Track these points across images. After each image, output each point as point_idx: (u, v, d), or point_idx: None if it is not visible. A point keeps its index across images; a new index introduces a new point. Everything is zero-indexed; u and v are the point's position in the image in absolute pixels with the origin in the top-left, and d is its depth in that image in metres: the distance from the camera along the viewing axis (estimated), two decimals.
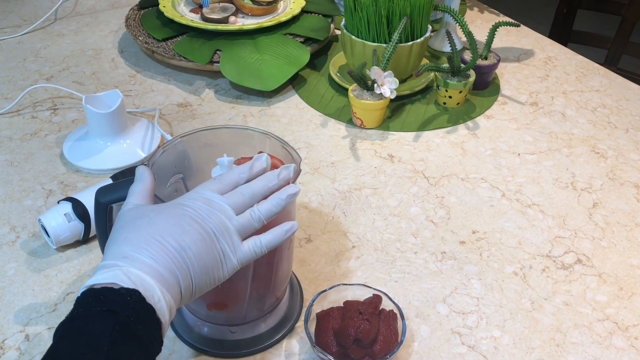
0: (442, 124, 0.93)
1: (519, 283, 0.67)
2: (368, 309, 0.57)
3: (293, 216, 0.56)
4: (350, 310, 0.57)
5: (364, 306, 0.57)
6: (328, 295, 0.60)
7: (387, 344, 0.56)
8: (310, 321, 0.58)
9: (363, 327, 0.55)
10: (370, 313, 0.56)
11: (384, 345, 0.56)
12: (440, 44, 1.14)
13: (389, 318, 0.57)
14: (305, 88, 1.01)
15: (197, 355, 0.59)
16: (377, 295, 0.59)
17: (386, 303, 0.59)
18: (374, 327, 0.56)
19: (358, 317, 0.56)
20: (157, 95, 0.99)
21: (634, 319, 0.63)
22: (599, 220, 0.76)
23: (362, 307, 0.57)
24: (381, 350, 0.55)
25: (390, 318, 0.58)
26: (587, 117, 0.96)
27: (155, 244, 0.44)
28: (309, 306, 0.59)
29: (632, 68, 1.50)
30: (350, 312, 0.57)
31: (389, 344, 0.56)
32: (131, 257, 0.43)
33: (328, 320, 0.57)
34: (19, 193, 0.78)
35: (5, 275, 0.66)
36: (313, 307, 0.59)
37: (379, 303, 0.59)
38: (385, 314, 0.58)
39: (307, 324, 0.57)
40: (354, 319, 0.56)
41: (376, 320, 0.57)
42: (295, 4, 1.15)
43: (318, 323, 0.58)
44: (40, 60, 1.09)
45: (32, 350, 0.58)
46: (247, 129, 0.57)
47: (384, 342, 0.56)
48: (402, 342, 0.56)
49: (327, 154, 0.86)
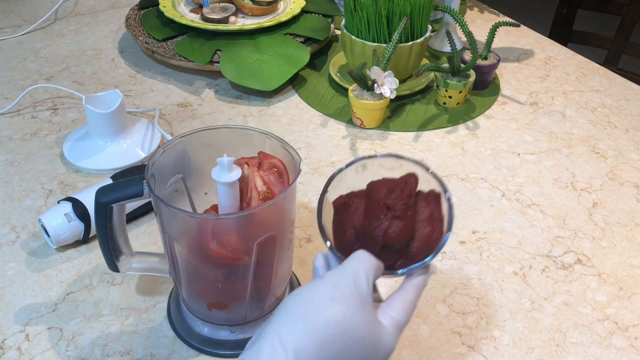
0: (442, 124, 0.93)
1: (519, 283, 0.67)
2: (399, 199, 0.43)
3: (293, 217, 0.56)
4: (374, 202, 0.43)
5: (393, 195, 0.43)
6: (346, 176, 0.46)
7: (429, 240, 0.43)
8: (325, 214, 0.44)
9: (393, 228, 0.42)
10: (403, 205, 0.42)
11: (424, 242, 0.43)
12: (440, 44, 1.14)
13: (429, 201, 0.44)
14: (305, 88, 1.01)
15: (197, 355, 0.59)
16: (411, 176, 0.44)
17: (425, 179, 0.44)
18: (409, 224, 0.42)
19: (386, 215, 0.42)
20: (157, 95, 0.99)
21: (634, 319, 0.63)
22: (599, 220, 0.76)
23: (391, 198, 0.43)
24: (420, 250, 0.43)
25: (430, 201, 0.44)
26: (587, 117, 0.96)
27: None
28: (323, 193, 0.45)
29: (632, 68, 1.50)
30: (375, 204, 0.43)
31: (430, 240, 0.43)
32: None
33: (347, 212, 0.44)
34: (19, 193, 0.78)
35: (5, 275, 0.66)
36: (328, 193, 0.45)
37: (413, 187, 0.44)
38: (424, 197, 0.44)
39: (320, 219, 0.44)
40: (380, 217, 0.42)
41: (411, 214, 0.43)
42: (295, 4, 1.15)
43: (335, 216, 0.45)
44: (40, 60, 1.09)
45: (32, 350, 0.58)
46: (247, 129, 0.57)
47: (425, 237, 0.43)
48: (449, 233, 0.43)
49: (327, 154, 0.86)
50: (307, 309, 0.40)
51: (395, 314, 0.43)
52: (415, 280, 0.44)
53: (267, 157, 0.55)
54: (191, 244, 0.53)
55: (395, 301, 0.43)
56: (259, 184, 0.54)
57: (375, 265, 0.42)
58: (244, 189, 0.54)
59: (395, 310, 0.43)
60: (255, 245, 0.51)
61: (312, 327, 0.39)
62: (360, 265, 0.42)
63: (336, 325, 0.39)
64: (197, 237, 0.52)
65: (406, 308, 0.43)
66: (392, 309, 0.43)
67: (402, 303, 0.43)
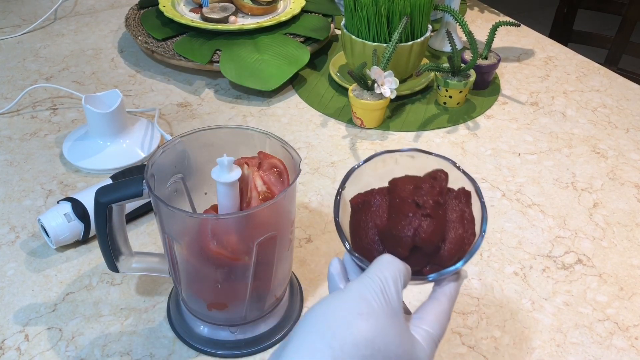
0: (442, 124, 0.93)
1: (519, 283, 0.67)
2: (429, 196, 0.38)
3: (293, 217, 0.55)
4: (401, 199, 0.39)
5: (422, 192, 0.39)
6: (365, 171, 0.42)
7: (461, 242, 0.39)
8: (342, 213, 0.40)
9: (424, 228, 0.37)
10: (434, 203, 0.38)
11: (456, 244, 0.38)
12: (440, 43, 1.14)
13: (460, 200, 0.40)
14: (305, 88, 1.01)
15: (197, 356, 0.59)
16: (440, 171, 0.40)
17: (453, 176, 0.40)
18: (440, 224, 0.38)
19: (415, 213, 0.38)
20: (156, 95, 0.99)
21: (635, 319, 0.63)
22: (599, 220, 0.76)
23: (420, 195, 0.38)
24: (452, 253, 0.38)
25: (461, 201, 0.40)
26: (587, 117, 0.96)
27: None
28: (339, 190, 0.41)
29: (632, 68, 1.50)
30: (402, 202, 0.38)
31: (462, 242, 0.39)
32: None
33: (367, 211, 0.40)
34: (19, 193, 0.78)
35: (5, 276, 0.66)
36: (345, 190, 0.41)
37: (444, 184, 0.40)
38: (454, 195, 0.40)
39: (338, 218, 0.40)
40: (409, 215, 0.38)
41: (442, 212, 0.38)
42: (295, 3, 1.15)
43: (353, 215, 0.41)
44: (40, 60, 1.09)
45: (31, 351, 0.58)
46: (247, 129, 0.57)
47: (457, 239, 0.38)
48: (483, 235, 0.39)
49: (327, 154, 0.86)
50: (332, 328, 0.35)
51: (429, 328, 0.39)
52: (448, 289, 0.40)
53: (267, 157, 0.55)
54: (191, 244, 0.53)
55: (428, 313, 0.39)
56: (258, 184, 0.54)
57: (403, 271, 0.38)
58: (243, 189, 0.54)
59: (429, 323, 0.39)
60: (255, 245, 0.51)
61: (339, 348, 0.34)
62: (388, 272, 0.37)
63: (366, 345, 0.34)
64: (197, 237, 0.52)
65: (441, 321, 0.39)
66: (426, 322, 0.39)
67: (436, 315, 0.39)
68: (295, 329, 0.37)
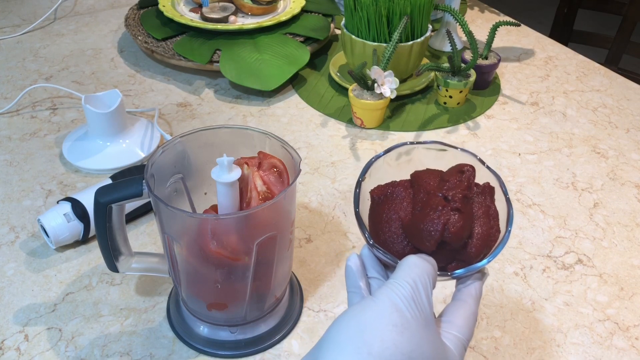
0: (442, 124, 0.93)
1: (519, 283, 0.67)
2: (458, 189, 0.37)
3: (293, 217, 0.55)
4: (427, 192, 0.37)
5: (450, 186, 0.37)
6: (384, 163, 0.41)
7: (487, 239, 0.38)
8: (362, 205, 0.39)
9: (453, 222, 0.36)
10: (462, 197, 0.37)
11: (482, 241, 0.38)
12: (440, 43, 1.14)
13: (486, 196, 0.39)
14: (305, 88, 1.01)
15: (197, 356, 0.59)
16: (466, 165, 0.39)
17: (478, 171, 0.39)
18: (468, 219, 0.37)
19: (445, 207, 0.36)
20: (156, 95, 0.99)
21: (635, 319, 0.63)
22: (599, 221, 0.76)
23: (449, 188, 0.37)
24: (480, 250, 0.38)
25: (486, 196, 0.39)
26: (587, 117, 0.96)
27: None
28: (359, 181, 0.40)
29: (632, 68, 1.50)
30: (429, 195, 0.37)
31: (489, 239, 0.38)
32: None
33: (390, 203, 0.39)
34: (18, 193, 0.78)
35: (5, 276, 0.66)
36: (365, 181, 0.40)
37: (472, 178, 0.39)
38: (480, 191, 0.39)
39: (358, 209, 0.39)
40: (438, 209, 0.36)
41: (470, 207, 0.38)
42: (295, 3, 1.15)
43: (374, 207, 0.40)
44: (40, 60, 1.09)
45: (31, 351, 0.58)
46: (247, 129, 0.57)
47: (484, 235, 0.37)
48: (509, 233, 0.38)
49: (327, 154, 0.86)
50: (367, 342, 0.33)
51: (458, 332, 0.38)
52: (473, 289, 0.39)
53: (267, 157, 0.55)
54: (191, 244, 0.52)
55: (456, 317, 0.38)
56: (258, 184, 0.54)
57: (432, 273, 0.37)
58: (243, 189, 0.54)
59: (458, 328, 0.38)
60: (255, 245, 0.51)
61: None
62: (417, 276, 0.36)
63: (402, 358, 0.33)
64: (197, 238, 0.52)
65: (469, 324, 0.38)
66: (455, 326, 0.38)
67: (464, 319, 0.38)
68: (327, 339, 0.35)
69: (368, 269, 0.41)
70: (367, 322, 0.34)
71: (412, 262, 0.37)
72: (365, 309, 0.35)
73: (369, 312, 0.35)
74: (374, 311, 0.35)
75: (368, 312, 0.35)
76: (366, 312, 0.35)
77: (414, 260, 0.37)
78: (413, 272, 0.36)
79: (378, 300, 0.36)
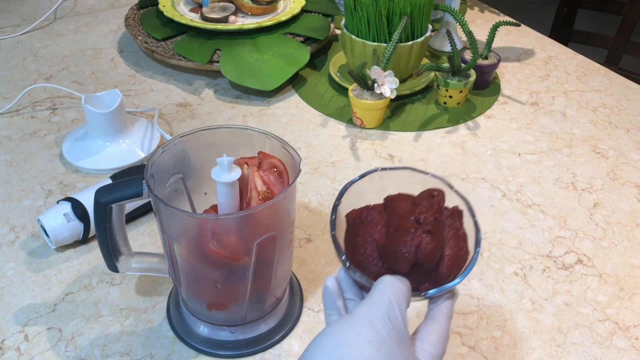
0: (442, 124, 0.93)
1: (519, 283, 0.67)
2: (429, 213, 0.39)
3: (293, 217, 0.55)
4: (400, 216, 0.39)
5: (422, 209, 0.39)
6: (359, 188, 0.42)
7: (458, 260, 0.39)
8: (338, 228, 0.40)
9: (426, 244, 0.38)
10: (434, 220, 0.38)
11: (453, 262, 0.39)
12: (440, 43, 1.14)
13: (455, 219, 0.40)
14: (305, 88, 1.01)
15: (197, 356, 0.59)
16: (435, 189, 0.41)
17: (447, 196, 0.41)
18: (439, 240, 0.39)
19: (417, 230, 0.38)
20: (156, 95, 0.99)
21: (635, 319, 0.63)
22: (599, 221, 0.76)
23: (420, 212, 0.39)
24: (450, 270, 0.39)
25: (455, 219, 0.41)
26: (587, 117, 0.96)
27: None
28: (335, 205, 0.42)
29: (632, 68, 1.50)
30: (402, 218, 0.39)
31: (459, 259, 0.40)
32: None
33: (365, 226, 0.40)
34: (18, 193, 0.78)
35: (5, 276, 0.66)
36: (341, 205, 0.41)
37: (442, 202, 0.40)
38: (449, 213, 0.41)
39: (334, 232, 0.40)
40: (410, 231, 0.38)
41: (440, 230, 0.39)
42: (295, 3, 1.14)
43: (349, 230, 0.41)
44: (40, 60, 1.09)
45: (31, 351, 0.58)
46: (247, 129, 0.57)
47: (454, 257, 0.39)
48: (477, 254, 0.40)
49: (327, 154, 0.86)
50: (344, 356, 0.35)
51: (432, 350, 0.39)
52: (445, 307, 0.41)
53: (267, 157, 0.55)
54: (191, 244, 0.52)
55: (430, 335, 0.40)
56: (258, 184, 0.54)
57: (406, 292, 0.38)
58: (243, 189, 0.54)
59: (432, 345, 0.39)
60: (255, 245, 0.51)
61: None
62: (392, 295, 0.37)
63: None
64: (197, 238, 0.52)
65: (442, 341, 0.40)
66: (429, 343, 0.39)
67: (437, 336, 0.40)
68: (306, 357, 0.36)
69: (345, 291, 0.42)
70: (345, 338, 0.36)
71: (387, 282, 0.38)
72: (342, 327, 0.37)
73: (346, 329, 0.36)
74: (351, 328, 0.36)
75: (345, 330, 0.36)
76: (344, 329, 0.36)
77: (389, 280, 0.38)
78: (388, 292, 0.38)
79: (355, 318, 0.37)
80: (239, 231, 0.51)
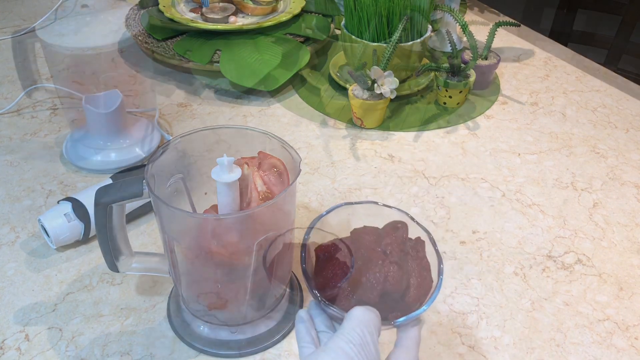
0: (442, 124, 0.93)
1: (519, 283, 0.67)
2: (394, 245, 0.41)
3: (293, 217, 0.55)
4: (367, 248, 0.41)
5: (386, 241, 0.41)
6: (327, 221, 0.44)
7: (422, 288, 0.41)
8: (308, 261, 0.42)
9: (393, 274, 0.40)
10: (398, 251, 0.40)
11: (418, 290, 0.41)
12: (440, 43, 1.14)
13: (418, 249, 0.42)
14: (305, 88, 1.01)
15: (197, 356, 0.59)
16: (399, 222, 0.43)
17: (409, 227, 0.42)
18: (405, 271, 0.40)
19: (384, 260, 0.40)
20: (157, 95, 0.99)
21: (634, 319, 0.63)
22: (599, 220, 0.76)
23: (386, 244, 0.41)
24: (416, 298, 0.41)
25: (418, 249, 0.42)
26: (587, 117, 0.96)
27: None
28: (305, 240, 0.44)
29: (632, 68, 1.50)
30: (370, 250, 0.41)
31: (423, 288, 0.41)
32: None
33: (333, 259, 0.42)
34: (19, 193, 0.78)
35: (5, 275, 0.66)
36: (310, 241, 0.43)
37: (405, 234, 0.43)
38: (412, 245, 0.42)
39: (304, 266, 0.41)
40: (378, 263, 0.40)
41: (405, 260, 0.41)
42: (295, 3, 1.15)
43: (319, 264, 0.43)
44: (40, 60, 1.09)
45: (31, 351, 0.58)
46: (247, 129, 0.57)
47: (418, 286, 0.41)
48: (441, 282, 0.42)
49: (327, 154, 0.86)
50: None
51: None
52: (413, 334, 0.42)
53: (267, 157, 0.55)
54: (191, 244, 0.53)
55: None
56: (259, 184, 0.54)
57: (377, 322, 0.40)
58: (244, 189, 0.54)
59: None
60: (255, 245, 0.51)
61: None
62: (364, 325, 0.39)
63: None
64: (197, 237, 0.52)
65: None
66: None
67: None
68: None
69: (317, 324, 0.43)
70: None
71: (359, 312, 0.40)
72: (318, 358, 0.38)
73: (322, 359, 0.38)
74: (327, 358, 0.38)
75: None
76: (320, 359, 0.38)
77: (360, 311, 0.40)
78: (360, 322, 0.39)
79: (330, 349, 0.38)
80: (239, 231, 0.51)
